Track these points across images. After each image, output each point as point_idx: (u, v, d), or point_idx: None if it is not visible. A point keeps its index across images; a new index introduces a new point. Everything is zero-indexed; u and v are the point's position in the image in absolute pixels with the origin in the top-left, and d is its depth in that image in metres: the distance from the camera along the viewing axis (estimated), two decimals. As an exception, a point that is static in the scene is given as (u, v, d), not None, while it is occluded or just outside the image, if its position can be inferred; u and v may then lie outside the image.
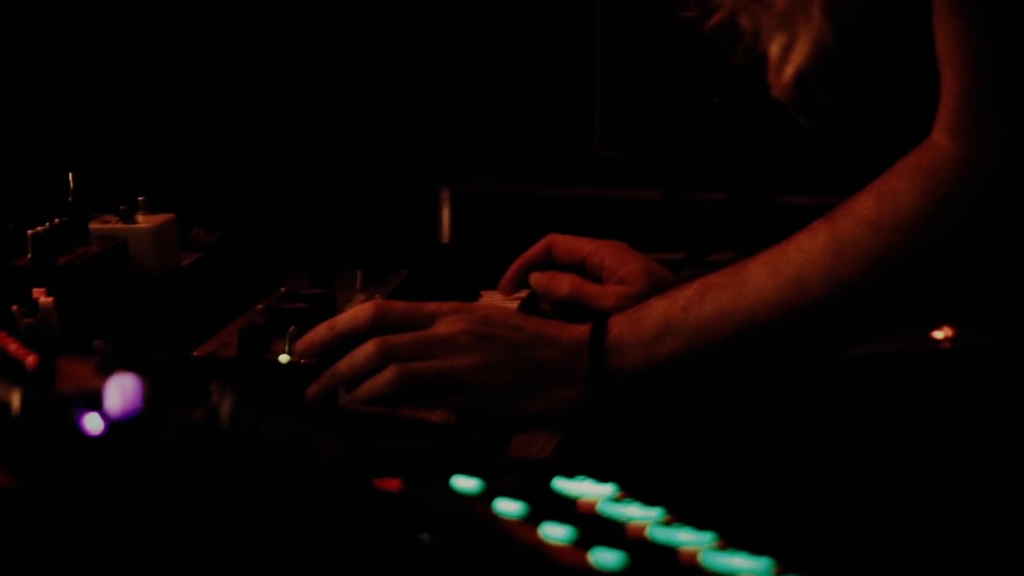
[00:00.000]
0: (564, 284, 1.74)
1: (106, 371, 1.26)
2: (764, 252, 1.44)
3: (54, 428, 1.15)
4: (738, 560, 1.04)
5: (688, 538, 1.09)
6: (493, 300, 1.76)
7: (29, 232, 1.58)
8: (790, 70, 1.52)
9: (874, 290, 1.40)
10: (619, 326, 1.46)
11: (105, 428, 1.15)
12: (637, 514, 1.14)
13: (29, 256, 1.56)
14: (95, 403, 1.20)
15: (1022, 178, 1.34)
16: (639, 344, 1.45)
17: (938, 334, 1.68)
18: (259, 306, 1.63)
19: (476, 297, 1.79)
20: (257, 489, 1.10)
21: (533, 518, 1.10)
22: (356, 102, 3.04)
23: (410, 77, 3.07)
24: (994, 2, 1.33)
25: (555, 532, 1.07)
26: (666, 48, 2.67)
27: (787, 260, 1.42)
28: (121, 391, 1.23)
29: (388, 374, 1.44)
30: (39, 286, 1.44)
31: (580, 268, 1.77)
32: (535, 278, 1.76)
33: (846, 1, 1.49)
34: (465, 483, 1.16)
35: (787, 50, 1.52)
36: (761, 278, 1.42)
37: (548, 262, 1.78)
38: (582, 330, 1.47)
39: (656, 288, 1.56)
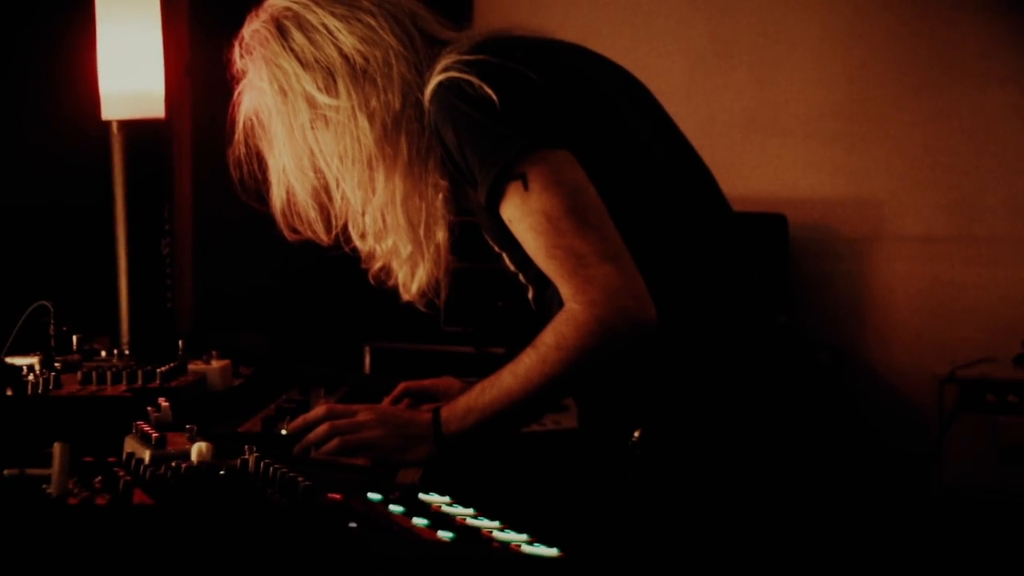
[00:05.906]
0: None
1: (193, 440, 1.24)
2: (508, 363, 1.40)
3: (167, 470, 1.13)
4: (521, 536, 1.04)
5: (488, 524, 1.10)
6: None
7: (158, 370, 1.55)
8: (415, 287, 1.50)
9: (566, 377, 1.36)
10: (445, 412, 1.43)
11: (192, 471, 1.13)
12: (463, 511, 1.15)
13: (157, 382, 1.53)
14: (188, 457, 1.20)
15: (608, 320, 1.33)
16: (456, 420, 1.41)
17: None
18: (272, 406, 1.60)
19: (380, 401, 1.70)
20: (267, 501, 1.09)
21: (409, 514, 1.10)
22: (320, 298, 2.99)
23: (351, 289, 3.04)
24: (566, 257, 1.34)
25: (420, 521, 1.08)
26: (477, 272, 2.59)
27: (518, 367, 1.38)
28: (199, 451, 1.23)
29: (333, 441, 1.41)
30: (162, 397, 1.41)
31: (430, 395, 1.69)
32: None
33: (447, 252, 1.47)
34: (373, 495, 1.16)
35: (412, 276, 1.50)
36: (509, 379, 1.39)
37: (405, 395, 1.67)
38: (429, 415, 1.44)
39: None
